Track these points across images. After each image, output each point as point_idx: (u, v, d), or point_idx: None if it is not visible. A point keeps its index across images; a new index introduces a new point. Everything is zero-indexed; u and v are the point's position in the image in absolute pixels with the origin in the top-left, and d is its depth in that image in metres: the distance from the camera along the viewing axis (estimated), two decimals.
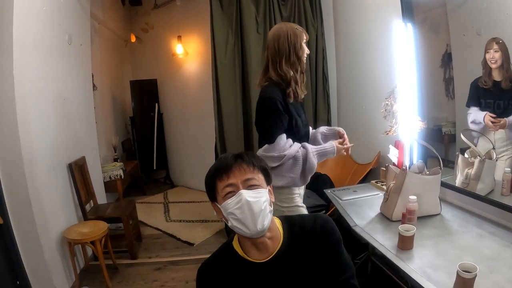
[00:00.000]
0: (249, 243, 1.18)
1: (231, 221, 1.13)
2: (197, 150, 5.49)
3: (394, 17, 2.66)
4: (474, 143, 2.13)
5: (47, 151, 2.76)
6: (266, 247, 1.18)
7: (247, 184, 1.14)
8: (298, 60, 1.91)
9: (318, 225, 1.23)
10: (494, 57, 1.97)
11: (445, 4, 2.36)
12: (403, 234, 1.67)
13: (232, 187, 1.13)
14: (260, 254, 1.18)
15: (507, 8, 1.89)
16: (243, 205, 1.10)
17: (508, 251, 1.61)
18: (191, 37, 5.26)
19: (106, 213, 3.26)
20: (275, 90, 1.88)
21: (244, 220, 1.11)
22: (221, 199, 1.14)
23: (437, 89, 2.56)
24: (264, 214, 1.12)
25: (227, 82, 3.43)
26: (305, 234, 1.22)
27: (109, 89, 5.16)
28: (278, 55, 1.88)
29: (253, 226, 1.11)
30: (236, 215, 1.11)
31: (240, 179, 1.13)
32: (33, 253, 2.54)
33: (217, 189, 1.16)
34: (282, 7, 3.50)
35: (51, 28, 2.87)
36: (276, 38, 1.88)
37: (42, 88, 2.73)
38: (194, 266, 3.15)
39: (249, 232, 1.12)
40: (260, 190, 1.15)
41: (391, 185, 2.08)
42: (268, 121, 1.86)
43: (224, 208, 1.13)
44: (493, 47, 1.96)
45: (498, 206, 1.90)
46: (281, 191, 1.95)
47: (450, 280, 1.36)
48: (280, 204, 1.96)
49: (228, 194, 1.13)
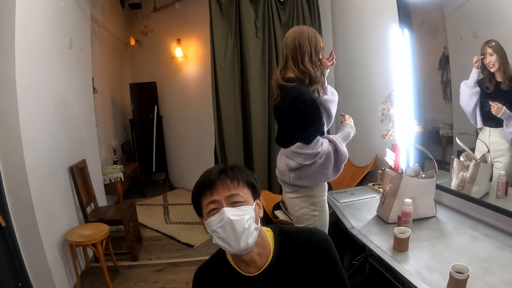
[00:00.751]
0: (237, 257, 1.17)
1: (215, 239, 1.11)
2: (196, 153, 5.52)
3: (391, 22, 2.69)
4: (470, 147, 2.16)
5: (49, 154, 2.78)
6: (255, 262, 1.16)
7: (231, 201, 1.10)
8: (319, 61, 1.92)
9: (313, 243, 1.20)
10: (491, 60, 2.00)
11: (442, 7, 2.39)
12: (399, 236, 1.71)
13: (215, 204, 1.10)
14: (249, 268, 1.17)
15: (503, 11, 1.92)
16: (226, 224, 1.07)
17: (502, 253, 1.64)
18: (190, 40, 5.30)
19: (107, 216, 3.28)
20: (309, 90, 1.88)
21: (227, 239, 1.08)
22: (206, 216, 1.12)
23: (434, 92, 2.57)
24: (248, 232, 1.08)
25: (226, 85, 3.46)
26: (298, 250, 1.19)
27: (108, 92, 5.19)
28: (299, 52, 1.87)
29: (236, 245, 1.08)
30: (219, 233, 1.08)
31: (223, 196, 1.10)
32: (35, 255, 2.56)
33: (202, 205, 1.14)
34: (281, 11, 3.54)
35: (52, 32, 2.90)
36: (298, 36, 1.88)
37: (44, 91, 2.75)
38: (194, 267, 3.13)
39: (232, 250, 1.10)
40: (244, 208, 1.10)
41: (387, 188, 2.13)
42: (312, 124, 1.85)
43: (208, 225, 1.11)
44: (488, 51, 1.99)
45: (493, 208, 1.93)
46: (314, 194, 1.97)
47: (444, 281, 1.39)
48: (314, 208, 1.98)
49: (211, 211, 1.10)
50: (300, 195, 1.96)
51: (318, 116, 1.86)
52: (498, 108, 2.02)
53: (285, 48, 1.92)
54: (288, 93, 1.86)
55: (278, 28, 3.50)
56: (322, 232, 1.26)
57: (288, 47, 1.90)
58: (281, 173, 1.99)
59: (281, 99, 1.92)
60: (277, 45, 3.50)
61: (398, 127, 2.59)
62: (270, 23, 3.46)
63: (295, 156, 1.87)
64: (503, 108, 1.99)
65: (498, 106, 2.03)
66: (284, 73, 1.93)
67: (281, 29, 3.53)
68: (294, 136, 1.87)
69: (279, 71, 1.95)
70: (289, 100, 1.84)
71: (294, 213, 1.99)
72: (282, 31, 3.53)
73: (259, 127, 3.52)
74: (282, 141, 1.99)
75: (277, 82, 1.94)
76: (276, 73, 1.96)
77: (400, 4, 2.55)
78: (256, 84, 3.44)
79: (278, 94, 1.94)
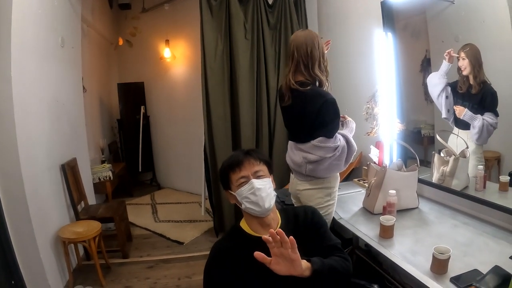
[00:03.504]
0: (255, 222, 1.49)
1: (245, 204, 1.44)
2: (183, 153, 5.58)
3: (375, 25, 2.80)
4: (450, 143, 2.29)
5: (43, 152, 2.82)
6: (269, 224, 1.49)
7: (256, 175, 1.46)
8: (325, 67, 2.03)
9: (309, 213, 1.59)
10: (463, 64, 2.12)
11: (425, 12, 2.49)
12: (384, 223, 1.85)
13: (244, 178, 1.45)
14: (264, 231, 1.40)
15: (483, 16, 2.03)
16: (255, 191, 1.43)
17: (480, 238, 1.80)
18: (178, 41, 5.34)
19: (98, 213, 3.31)
20: (325, 91, 2.00)
21: (256, 201, 1.43)
22: (235, 188, 1.46)
23: (416, 93, 2.68)
24: (270, 197, 1.46)
25: (216, 86, 3.52)
26: (298, 220, 1.57)
27: (97, 92, 5.19)
28: (311, 59, 1.96)
29: (262, 205, 1.43)
30: (250, 198, 1.43)
31: (250, 171, 1.46)
32: (28, 253, 2.57)
33: (231, 180, 1.48)
34: (269, 14, 3.62)
35: (46, 30, 2.94)
36: (310, 43, 1.95)
37: (38, 90, 2.78)
38: (185, 264, 3.26)
39: (260, 210, 1.44)
40: (265, 179, 1.48)
41: (372, 181, 2.27)
42: (333, 120, 1.97)
43: (239, 194, 1.45)
44: (461, 55, 2.12)
45: (472, 199, 2.09)
46: (330, 185, 2.08)
47: (427, 263, 1.54)
48: (329, 198, 2.09)
49: (241, 183, 1.45)
50: (317, 187, 2.07)
51: (337, 113, 1.99)
52: (460, 111, 2.19)
53: (296, 53, 1.98)
54: (306, 95, 1.95)
55: (267, 30, 3.58)
56: (312, 207, 1.67)
57: (300, 53, 1.97)
58: (297, 165, 2.09)
59: (293, 101, 2.02)
60: (265, 47, 3.58)
61: (381, 125, 2.70)
62: (259, 26, 3.54)
63: (316, 150, 1.98)
64: (464, 110, 2.15)
65: (460, 108, 2.20)
66: (295, 77, 2.01)
67: (270, 31, 3.62)
68: (315, 132, 1.97)
69: (291, 75, 2.02)
70: (309, 101, 1.95)
71: (310, 203, 2.07)
72: (271, 33, 3.62)
73: (247, 127, 3.60)
74: (301, 137, 2.07)
75: (288, 85, 2.02)
76: (288, 76, 2.03)
77: (384, 8, 2.65)
78: (245, 85, 3.51)
79: (289, 97, 2.03)
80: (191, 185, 5.42)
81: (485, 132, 2.08)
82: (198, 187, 4.69)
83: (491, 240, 1.77)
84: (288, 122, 2.19)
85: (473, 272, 1.45)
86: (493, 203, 1.95)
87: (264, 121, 3.63)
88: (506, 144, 2.03)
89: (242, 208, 1.49)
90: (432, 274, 1.48)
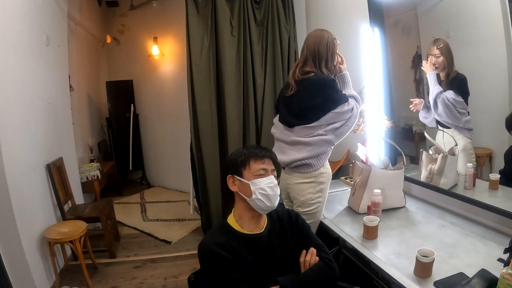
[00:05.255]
0: (248, 217, 1.51)
1: (257, 195, 1.46)
2: (173, 151, 5.55)
3: (362, 21, 2.78)
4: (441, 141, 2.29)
5: (27, 152, 2.78)
6: (259, 221, 1.54)
7: (273, 174, 1.53)
8: (333, 66, 2.08)
9: (293, 217, 1.62)
10: (437, 62, 2.13)
11: (415, 8, 2.48)
12: (368, 224, 1.84)
13: (265, 171, 1.50)
14: (253, 228, 1.51)
15: (475, 12, 2.02)
16: (274, 186, 1.49)
17: (468, 239, 1.77)
18: (167, 39, 5.31)
19: (84, 213, 3.28)
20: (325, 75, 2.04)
21: (270, 197, 1.47)
22: (252, 176, 1.48)
23: (408, 90, 2.67)
24: (277, 197, 1.52)
25: (202, 83, 3.48)
26: (283, 222, 1.59)
27: (85, 90, 5.15)
28: (317, 57, 2.03)
29: (274, 201, 1.49)
30: (266, 191, 1.46)
31: (270, 168, 1.52)
32: (13, 254, 2.54)
33: (250, 166, 1.50)
34: (256, 10, 3.57)
35: (30, 29, 2.89)
36: (318, 41, 2.03)
37: (21, 88, 2.74)
38: (172, 263, 3.25)
39: (269, 205, 1.48)
40: (276, 181, 1.53)
41: (357, 180, 2.25)
42: (338, 92, 2.01)
43: (255, 184, 1.47)
44: (434, 52, 2.13)
45: (460, 198, 2.07)
46: (322, 181, 2.07)
47: (411, 265, 1.51)
48: (320, 194, 2.08)
49: (261, 175, 1.49)
50: (309, 180, 2.05)
51: (338, 88, 2.05)
52: (417, 104, 2.32)
53: (306, 49, 2.07)
54: (310, 80, 2.00)
55: (254, 27, 3.54)
56: (294, 211, 1.68)
57: (309, 49, 2.05)
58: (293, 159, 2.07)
59: (298, 88, 2.05)
60: (252, 43, 3.54)
61: (368, 122, 2.70)
62: (246, 22, 3.50)
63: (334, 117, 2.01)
64: (422, 102, 2.25)
65: (417, 101, 2.32)
66: (303, 70, 2.06)
67: (256, 28, 3.57)
68: (325, 108, 2.00)
69: (298, 68, 2.08)
70: (314, 84, 2.00)
71: (300, 197, 2.07)
72: (257, 30, 3.57)
73: (234, 125, 3.56)
74: (307, 119, 2.05)
75: (294, 77, 2.08)
76: (295, 69, 2.10)
77: (371, 3, 2.65)
78: (231, 82, 3.48)
79: (293, 87, 2.06)
80: (181, 183, 5.40)
81: (447, 110, 2.12)
82: (187, 185, 4.67)
83: (479, 241, 1.75)
84: (293, 111, 2.12)
85: (458, 276, 1.42)
86: (481, 203, 1.93)
87: (251, 118, 3.60)
88: (497, 140, 2.01)
89: (246, 199, 1.48)
90: (415, 277, 1.45)
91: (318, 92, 1.98)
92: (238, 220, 1.52)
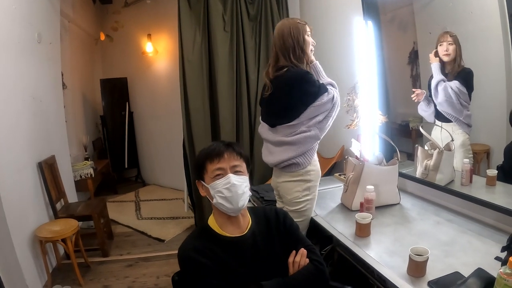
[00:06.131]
0: (225, 219, 1.40)
1: (217, 199, 1.35)
2: (168, 148, 5.51)
3: (356, 15, 2.75)
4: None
5: (18, 150, 2.75)
6: (239, 222, 1.42)
7: (234, 170, 1.37)
8: (303, 53, 1.98)
9: (281, 217, 1.51)
10: (448, 49, 2.09)
11: (412, 3, 2.45)
12: (360, 222, 1.79)
13: (221, 170, 1.35)
14: (234, 230, 1.40)
15: (471, 7, 1.99)
16: (231, 186, 1.34)
17: (464, 237, 1.73)
18: (160, 35, 5.28)
19: (77, 211, 3.26)
20: (299, 69, 1.97)
21: (229, 199, 1.34)
22: (210, 179, 1.36)
23: (404, 86, 2.62)
24: (244, 196, 1.37)
25: (194, 79, 3.45)
26: (270, 222, 1.49)
27: (79, 88, 5.11)
28: (285, 49, 1.95)
29: (235, 203, 1.34)
30: (224, 193, 1.33)
31: (229, 165, 1.36)
32: (5, 253, 2.53)
33: (206, 170, 1.38)
34: (249, 5, 3.53)
35: (21, 26, 2.86)
36: (280, 34, 1.96)
37: (12, 87, 2.71)
38: (165, 262, 3.23)
39: (231, 208, 1.35)
40: (243, 177, 1.40)
41: (350, 176, 2.20)
42: (316, 85, 1.94)
43: (212, 187, 1.35)
44: (447, 39, 2.08)
45: (457, 195, 2.03)
46: (309, 179, 2.02)
47: (404, 264, 1.46)
48: (307, 193, 2.02)
49: (217, 175, 1.35)
50: (296, 179, 2.01)
51: (316, 80, 1.97)
52: (419, 95, 2.26)
53: (274, 45, 2.00)
54: (283, 77, 1.94)
55: (247, 22, 3.51)
56: (282, 210, 1.58)
57: (276, 44, 1.99)
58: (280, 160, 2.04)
59: (274, 87, 1.98)
60: (245, 39, 3.51)
61: (362, 117, 2.67)
62: (238, 18, 3.46)
63: (315, 111, 1.95)
64: (423, 93, 2.19)
65: (418, 91, 2.25)
66: (276, 66, 1.99)
67: (249, 23, 3.53)
68: (304, 104, 1.95)
69: (270, 67, 2.02)
70: (287, 81, 1.93)
71: (288, 196, 2.04)
72: (250, 25, 3.54)
73: (227, 121, 3.53)
74: (288, 118, 1.99)
75: (268, 76, 2.01)
76: (268, 67, 2.04)
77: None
78: (224, 78, 3.44)
79: (269, 86, 2.00)
80: (176, 181, 5.38)
81: (449, 98, 2.08)
82: (182, 183, 4.65)
83: (475, 238, 1.70)
84: (272, 111, 2.09)
85: (454, 275, 1.36)
86: (479, 199, 1.89)
87: (244, 115, 3.57)
88: (495, 136, 1.97)
89: (212, 203, 1.38)
90: (408, 277, 1.39)
91: (293, 88, 1.93)
92: (217, 222, 1.42)
